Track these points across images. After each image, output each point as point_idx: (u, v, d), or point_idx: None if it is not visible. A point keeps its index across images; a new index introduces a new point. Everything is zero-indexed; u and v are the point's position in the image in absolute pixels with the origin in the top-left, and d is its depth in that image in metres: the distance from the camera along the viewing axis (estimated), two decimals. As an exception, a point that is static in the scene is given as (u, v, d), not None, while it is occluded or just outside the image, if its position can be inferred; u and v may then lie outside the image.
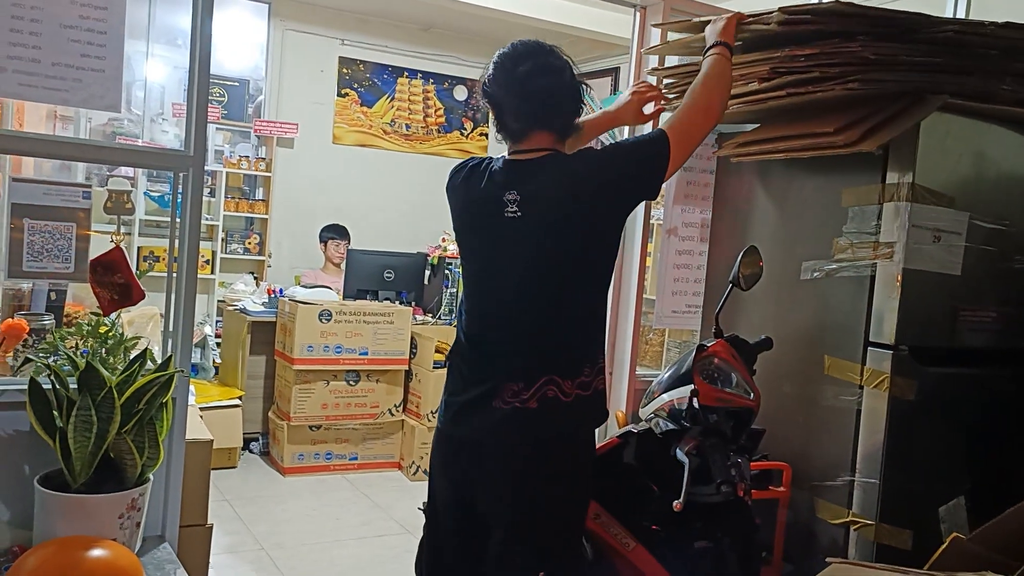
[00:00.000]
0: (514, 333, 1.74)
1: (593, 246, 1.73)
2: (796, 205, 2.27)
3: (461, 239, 1.87)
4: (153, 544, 1.68)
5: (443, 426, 1.82)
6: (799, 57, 1.89)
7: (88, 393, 1.50)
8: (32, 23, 1.56)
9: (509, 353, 1.73)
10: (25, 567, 1.34)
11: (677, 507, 1.68)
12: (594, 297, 1.78)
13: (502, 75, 1.75)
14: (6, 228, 1.68)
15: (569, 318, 1.74)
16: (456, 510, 1.81)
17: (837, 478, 2.06)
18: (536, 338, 1.72)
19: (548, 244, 1.70)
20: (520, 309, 1.73)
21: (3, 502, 1.60)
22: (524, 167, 1.74)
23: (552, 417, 1.68)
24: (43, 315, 2.30)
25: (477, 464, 1.74)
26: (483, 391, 1.72)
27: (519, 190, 1.72)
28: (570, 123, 1.78)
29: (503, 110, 1.76)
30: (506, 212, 1.72)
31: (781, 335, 2.10)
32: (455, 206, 1.85)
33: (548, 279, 1.72)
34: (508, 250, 1.74)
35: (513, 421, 1.68)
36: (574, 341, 1.74)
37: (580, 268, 1.73)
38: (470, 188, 1.80)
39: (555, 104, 1.75)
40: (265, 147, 6.44)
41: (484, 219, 1.77)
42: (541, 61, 1.75)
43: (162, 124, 6.00)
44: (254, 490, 4.29)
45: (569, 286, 1.73)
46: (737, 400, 1.84)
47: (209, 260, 6.17)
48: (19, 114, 5.69)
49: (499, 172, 1.77)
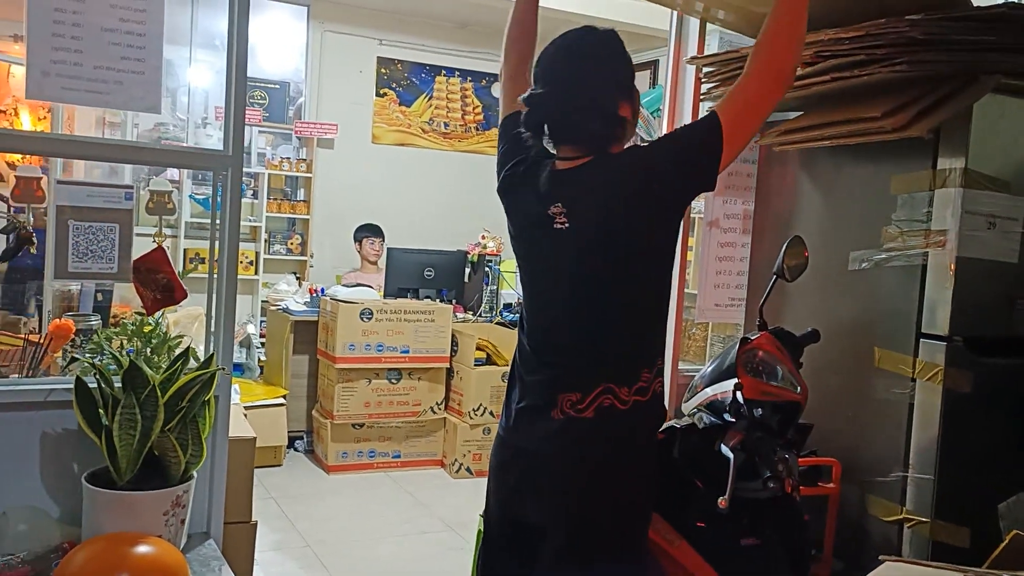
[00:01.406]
0: (570, 343, 1.67)
1: (646, 249, 1.62)
2: (842, 194, 2.21)
3: (514, 245, 1.78)
4: (198, 541, 1.70)
5: (503, 432, 1.77)
6: (844, 40, 1.84)
7: (132, 391, 1.52)
8: (73, 27, 1.58)
9: (565, 363, 1.66)
10: (73, 563, 1.36)
11: (722, 504, 1.64)
12: (651, 300, 1.67)
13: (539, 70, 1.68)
14: (53, 230, 1.72)
15: (625, 325, 1.65)
16: (506, 520, 1.77)
17: (889, 474, 2.00)
18: (592, 347, 1.65)
19: (598, 254, 1.61)
20: (574, 319, 1.66)
21: (53, 499, 1.63)
22: (566, 176, 1.64)
23: (608, 426, 1.61)
24: (90, 315, 2.35)
25: (531, 473, 1.68)
26: (541, 400, 1.67)
27: (563, 201, 1.61)
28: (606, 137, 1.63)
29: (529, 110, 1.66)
30: (555, 224, 1.62)
31: (828, 327, 2.05)
32: (507, 209, 1.75)
33: (600, 289, 1.64)
34: (559, 260, 1.65)
35: (570, 432, 1.62)
36: (631, 347, 1.66)
37: (633, 274, 1.63)
38: (520, 196, 1.71)
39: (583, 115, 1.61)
40: (306, 148, 6.51)
41: (534, 230, 1.68)
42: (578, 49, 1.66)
43: (206, 128, 6.10)
44: (299, 488, 4.33)
45: (623, 293, 1.64)
46: (783, 394, 1.79)
47: (253, 261, 6.25)
48: (69, 121, 5.83)
49: (545, 182, 1.66)
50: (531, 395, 1.69)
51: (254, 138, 6.27)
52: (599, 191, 1.59)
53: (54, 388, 1.61)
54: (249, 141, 6.19)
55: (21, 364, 2.24)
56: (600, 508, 1.62)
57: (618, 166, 1.61)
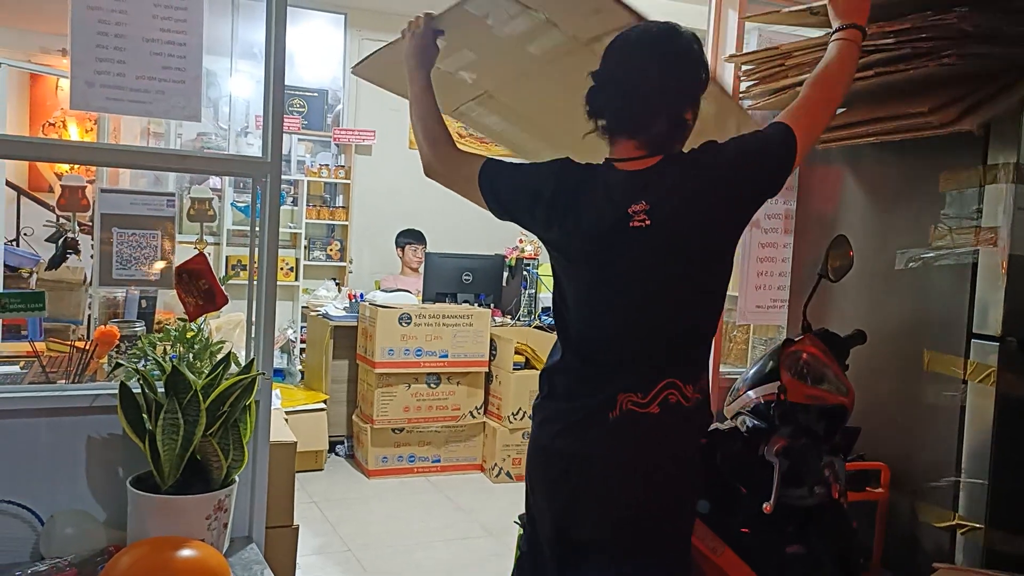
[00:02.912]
0: (640, 345, 1.62)
1: (723, 248, 1.63)
2: (888, 191, 2.15)
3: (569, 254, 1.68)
4: (240, 545, 1.71)
5: (547, 441, 1.68)
6: (889, 33, 1.79)
7: (175, 396, 1.54)
8: (116, 39, 1.61)
9: (628, 365, 1.61)
10: (119, 567, 1.38)
11: (767, 510, 1.61)
12: (721, 299, 1.68)
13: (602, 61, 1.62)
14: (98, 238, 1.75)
15: (701, 323, 1.64)
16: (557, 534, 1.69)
17: (941, 479, 1.95)
18: (664, 346, 1.61)
19: (683, 251, 1.58)
20: (651, 319, 1.61)
21: (99, 502, 1.66)
22: (645, 175, 1.59)
23: (673, 419, 1.57)
24: (134, 322, 2.40)
25: (587, 479, 1.62)
26: (596, 403, 1.61)
27: (647, 199, 1.56)
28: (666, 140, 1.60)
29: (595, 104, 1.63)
30: (632, 223, 1.57)
31: (875, 328, 2.00)
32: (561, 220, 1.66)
33: (683, 286, 1.61)
34: (639, 259, 1.59)
35: (629, 427, 1.57)
36: (702, 345, 1.67)
37: (713, 272, 1.63)
38: (584, 202, 1.63)
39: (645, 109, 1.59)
40: (344, 155, 6.57)
41: (608, 235, 1.60)
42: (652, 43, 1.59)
43: (247, 137, 6.20)
44: (340, 492, 4.36)
45: (703, 291, 1.63)
46: (829, 397, 1.75)
47: (293, 267, 6.33)
48: (115, 132, 5.97)
49: (619, 182, 1.61)
50: (582, 400, 1.63)
51: (293, 146, 6.35)
52: (683, 189, 1.57)
53: (99, 393, 1.64)
54: (288, 149, 6.27)
55: (68, 370, 2.30)
56: (662, 503, 1.59)
57: (700, 165, 1.59)
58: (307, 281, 6.31)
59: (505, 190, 1.71)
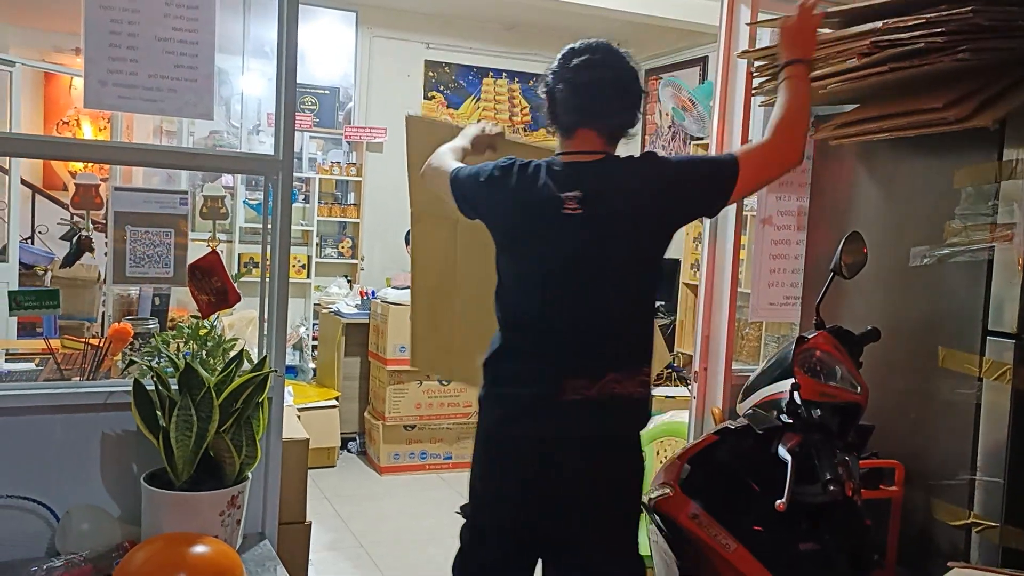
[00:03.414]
0: (575, 330, 1.72)
1: (651, 249, 1.76)
2: (902, 187, 2.14)
3: (508, 237, 1.82)
4: (253, 541, 1.72)
5: (497, 428, 1.79)
6: (903, 28, 1.78)
7: (188, 393, 1.55)
8: (129, 37, 1.62)
9: (570, 350, 1.72)
10: (133, 562, 1.39)
11: (780, 507, 1.60)
12: (649, 299, 1.82)
13: (560, 68, 1.79)
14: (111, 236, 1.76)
15: (630, 316, 1.76)
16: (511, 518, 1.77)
17: (956, 477, 1.93)
18: (598, 334, 1.72)
19: (612, 241, 1.71)
20: (582, 305, 1.73)
21: (114, 499, 1.67)
22: (584, 167, 1.75)
23: (616, 412, 1.70)
24: (148, 319, 2.41)
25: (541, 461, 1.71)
26: (543, 389, 1.71)
27: (582, 188, 1.71)
28: (621, 126, 1.78)
29: (557, 103, 1.78)
30: (564, 210, 1.71)
31: (889, 325, 1.98)
32: (501, 203, 1.81)
33: (609, 277, 1.73)
34: (568, 247, 1.72)
35: (580, 413, 1.68)
36: (634, 339, 1.77)
37: (640, 268, 1.76)
38: (523, 187, 1.76)
39: (605, 100, 1.74)
40: (355, 152, 6.58)
41: (541, 218, 1.74)
42: (600, 57, 1.77)
43: (259, 135, 6.22)
44: (352, 489, 4.38)
45: (629, 284, 1.75)
46: (842, 394, 1.74)
47: (305, 265, 6.35)
48: (128, 130, 5.99)
49: (558, 172, 1.75)
50: (527, 385, 1.73)
51: (305, 143, 6.37)
52: (619, 185, 1.72)
53: (114, 390, 1.66)
54: (300, 146, 6.28)
55: (83, 367, 2.31)
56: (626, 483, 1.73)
57: (638, 168, 1.76)
58: (319, 278, 6.33)
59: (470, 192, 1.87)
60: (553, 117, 1.82)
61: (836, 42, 1.93)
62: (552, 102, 1.80)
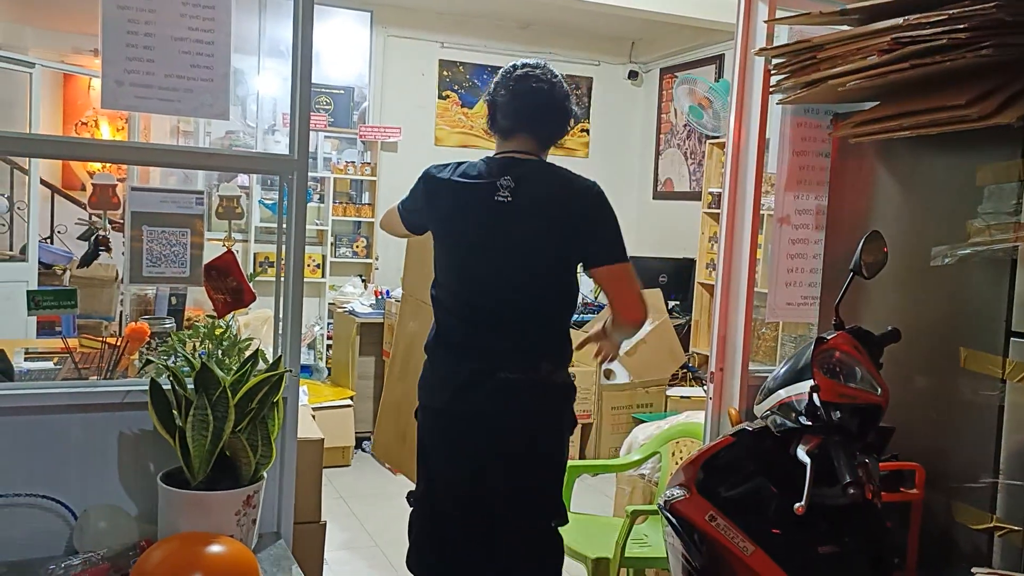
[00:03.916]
0: (511, 313, 2.00)
1: (563, 252, 2.03)
2: (923, 186, 2.11)
3: (446, 226, 2.09)
4: (269, 541, 1.72)
5: (442, 405, 2.04)
6: (925, 24, 1.75)
7: (204, 393, 1.55)
8: (146, 37, 1.62)
9: (504, 329, 2.00)
10: (150, 561, 1.39)
11: (799, 510, 1.58)
12: (571, 293, 2.10)
13: (503, 79, 2.07)
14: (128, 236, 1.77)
15: (552, 300, 2.05)
16: (461, 487, 2.04)
17: (978, 480, 1.90)
18: (530, 317, 2.01)
19: (536, 233, 1.99)
20: (516, 288, 2.01)
21: (131, 497, 1.67)
22: (518, 162, 2.03)
23: (547, 391, 2.02)
24: (164, 319, 2.42)
25: (488, 432, 1.99)
26: (482, 367, 1.97)
27: (513, 177, 1.98)
28: (552, 135, 2.08)
29: (497, 108, 2.06)
30: (497, 196, 1.97)
31: (909, 326, 1.96)
32: (442, 196, 2.07)
33: (534, 264, 2.01)
34: (500, 231, 1.99)
35: (518, 389, 1.97)
36: (557, 323, 2.07)
37: (555, 262, 2.03)
38: (461, 179, 2.04)
39: (542, 113, 2.04)
40: (370, 152, 6.59)
41: (476, 204, 2.00)
42: (539, 74, 2.04)
43: (275, 135, 6.24)
44: (367, 488, 4.39)
45: (550, 274, 2.03)
46: (862, 396, 1.72)
47: (320, 264, 6.36)
48: (145, 131, 6.03)
49: (493, 164, 2.03)
50: (467, 364, 2.00)
51: (320, 143, 6.38)
52: (549, 187, 2.02)
53: (131, 390, 1.66)
54: (315, 146, 6.30)
55: (100, 366, 2.32)
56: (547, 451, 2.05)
57: (560, 178, 2.05)
58: (334, 278, 6.34)
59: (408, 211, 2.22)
60: (492, 122, 2.09)
61: (855, 39, 1.91)
62: (493, 108, 2.07)
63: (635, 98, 7.37)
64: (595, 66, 7.23)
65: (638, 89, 7.36)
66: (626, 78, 7.30)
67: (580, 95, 7.22)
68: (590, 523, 2.98)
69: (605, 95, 7.27)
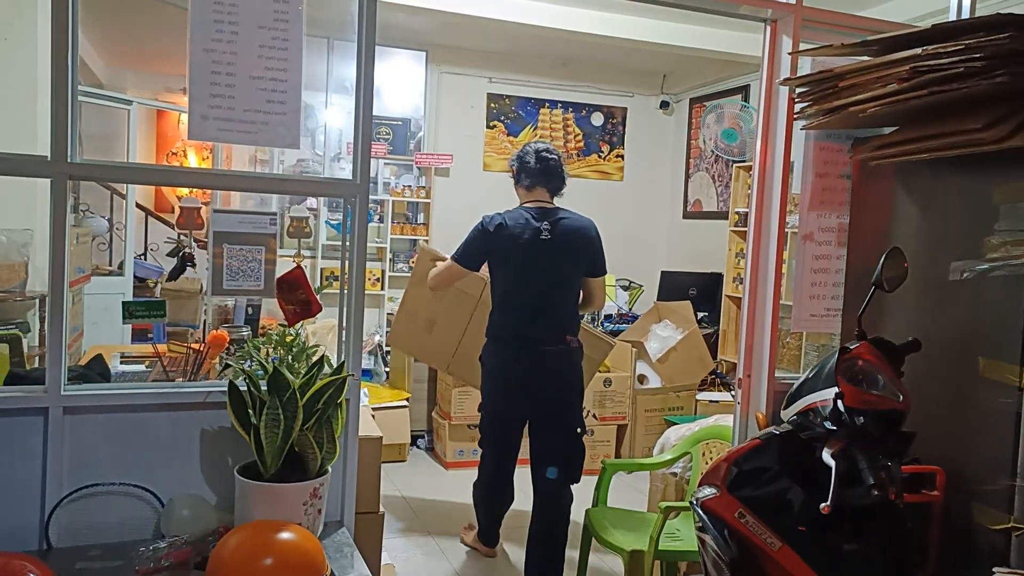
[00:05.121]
0: (549, 315, 2.91)
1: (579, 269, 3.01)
2: (941, 205, 2.04)
3: (508, 255, 2.94)
4: (333, 529, 1.73)
5: (504, 364, 2.97)
6: (942, 54, 1.70)
7: (276, 394, 1.56)
8: (228, 76, 1.66)
9: (543, 328, 2.91)
10: (228, 546, 1.40)
11: (825, 510, 1.53)
12: (578, 293, 3.04)
13: (527, 153, 3.04)
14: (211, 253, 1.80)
15: (573, 300, 3.00)
16: (515, 418, 3.11)
17: (996, 482, 1.82)
18: (561, 310, 2.95)
19: (564, 258, 2.94)
20: (552, 302, 2.93)
21: (211, 488, 1.69)
22: (548, 211, 3.00)
23: (571, 351, 2.95)
24: (242, 327, 2.46)
25: (537, 379, 2.92)
26: (525, 349, 2.92)
27: (549, 223, 2.94)
28: (557, 189, 3.06)
29: (524, 171, 3.03)
30: (541, 235, 2.92)
31: (929, 337, 1.89)
32: (503, 238, 2.93)
33: (565, 277, 2.96)
34: (544, 260, 2.91)
35: (555, 354, 2.92)
36: (574, 314, 3.02)
37: (575, 277, 3.00)
38: (514, 226, 2.94)
39: (552, 174, 3.03)
40: (425, 177, 6.65)
41: (528, 241, 2.91)
42: (550, 151, 3.05)
43: (340, 162, 6.33)
44: (421, 482, 4.39)
45: (573, 283, 2.99)
46: (884, 402, 1.66)
47: (379, 278, 6.43)
48: (227, 159, 6.15)
49: (533, 212, 2.97)
50: (516, 347, 2.94)
51: (380, 169, 6.46)
52: (571, 227, 2.98)
53: (211, 391, 1.68)
54: (375, 172, 6.38)
55: (185, 369, 2.36)
56: (572, 387, 2.99)
57: (580, 223, 3.02)
58: (391, 290, 6.40)
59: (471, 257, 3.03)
60: (519, 180, 3.05)
61: (875, 68, 1.86)
62: (521, 171, 3.04)
63: (666, 126, 7.30)
64: (629, 97, 7.19)
65: (669, 118, 7.30)
66: (658, 108, 7.25)
67: (615, 124, 7.18)
68: (626, 517, 2.94)
69: (639, 124, 7.22)
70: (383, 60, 6.27)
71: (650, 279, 6.57)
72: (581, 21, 5.30)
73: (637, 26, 5.40)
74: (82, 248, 4.13)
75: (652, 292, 6.48)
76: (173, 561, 1.47)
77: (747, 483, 1.76)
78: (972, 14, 2.27)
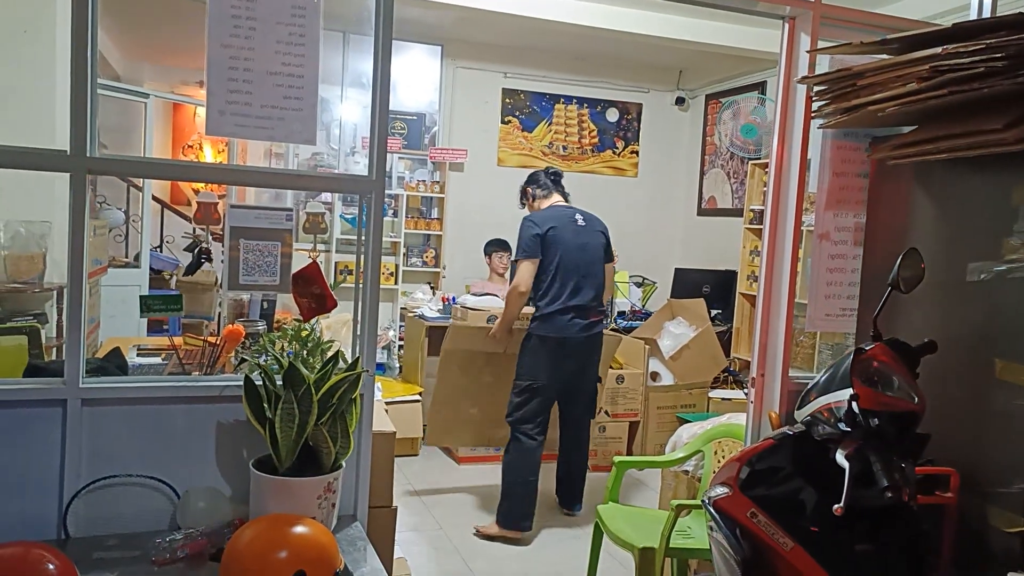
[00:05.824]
0: (589, 286, 3.63)
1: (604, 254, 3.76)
2: (959, 205, 2.02)
3: (557, 244, 3.60)
4: (346, 523, 1.74)
5: (552, 334, 3.58)
6: (963, 53, 1.68)
7: (291, 389, 1.57)
8: (245, 72, 1.66)
9: (587, 297, 3.61)
10: (243, 538, 1.41)
11: (838, 511, 1.52)
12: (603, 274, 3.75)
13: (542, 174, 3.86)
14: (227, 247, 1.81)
15: (601, 278, 3.71)
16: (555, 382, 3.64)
17: (1011, 485, 1.81)
18: (597, 289, 3.65)
19: (596, 239, 3.72)
20: (590, 273, 3.65)
21: (227, 480, 1.71)
22: (574, 209, 3.76)
23: (601, 327, 3.73)
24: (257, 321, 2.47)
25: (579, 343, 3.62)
26: (577, 313, 3.59)
27: (579, 214, 3.72)
28: (566, 194, 3.85)
29: (538, 185, 3.82)
30: (577, 223, 3.69)
31: (945, 338, 1.87)
32: (550, 231, 3.60)
33: (598, 256, 3.71)
34: (582, 242, 3.66)
35: (592, 327, 3.64)
36: (602, 290, 3.73)
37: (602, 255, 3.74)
38: (555, 219, 3.65)
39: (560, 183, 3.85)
40: (439, 172, 6.66)
41: (569, 227, 3.65)
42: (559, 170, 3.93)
43: (355, 156, 6.35)
44: (433, 476, 4.41)
45: (601, 262, 3.72)
46: (899, 404, 1.65)
47: (393, 272, 6.45)
48: (243, 154, 6.19)
49: (567, 210, 3.74)
50: (569, 315, 3.58)
51: (394, 164, 6.47)
52: (588, 215, 3.77)
53: (227, 385, 1.70)
54: (390, 167, 6.39)
55: (201, 362, 2.38)
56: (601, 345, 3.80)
57: (593, 215, 3.81)
58: (405, 285, 6.42)
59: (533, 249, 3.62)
60: (536, 194, 3.82)
61: (895, 67, 1.84)
62: (536, 184, 3.83)
63: (682, 122, 7.27)
64: (645, 93, 7.16)
65: (685, 114, 7.26)
66: (673, 104, 7.22)
67: (631, 120, 7.15)
68: (637, 515, 2.94)
69: (654, 120, 7.19)
70: (398, 54, 6.27)
71: (664, 276, 6.55)
72: (597, 16, 5.28)
73: (653, 21, 5.37)
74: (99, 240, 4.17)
75: (666, 289, 6.47)
76: (189, 552, 1.49)
77: (760, 483, 1.76)
78: (994, 12, 2.25)
